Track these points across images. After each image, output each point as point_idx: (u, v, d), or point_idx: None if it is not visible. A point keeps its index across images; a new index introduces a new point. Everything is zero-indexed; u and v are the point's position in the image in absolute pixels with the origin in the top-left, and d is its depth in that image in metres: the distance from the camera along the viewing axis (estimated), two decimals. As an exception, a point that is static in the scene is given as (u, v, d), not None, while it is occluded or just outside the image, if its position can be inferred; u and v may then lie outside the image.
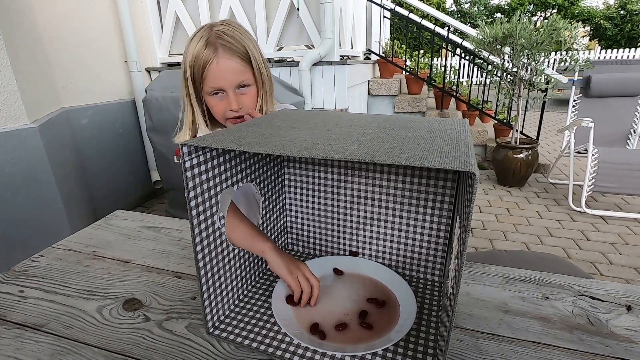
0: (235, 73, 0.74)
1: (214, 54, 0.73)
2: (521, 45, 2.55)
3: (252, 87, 0.78)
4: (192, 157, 0.44)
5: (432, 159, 0.33)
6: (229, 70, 0.74)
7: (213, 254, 0.51)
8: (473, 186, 0.31)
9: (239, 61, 0.74)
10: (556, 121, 6.19)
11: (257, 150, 0.38)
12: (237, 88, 0.76)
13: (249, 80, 0.76)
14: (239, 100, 0.76)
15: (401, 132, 0.47)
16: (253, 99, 0.79)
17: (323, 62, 2.40)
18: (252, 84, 0.78)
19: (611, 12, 14.25)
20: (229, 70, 0.74)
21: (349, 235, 0.69)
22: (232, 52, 0.73)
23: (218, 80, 0.74)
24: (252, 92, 0.78)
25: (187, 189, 0.44)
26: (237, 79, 0.75)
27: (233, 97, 0.75)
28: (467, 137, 0.43)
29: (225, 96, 0.76)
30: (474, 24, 14.58)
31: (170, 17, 2.72)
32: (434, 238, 0.62)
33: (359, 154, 0.35)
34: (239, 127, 0.49)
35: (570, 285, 0.63)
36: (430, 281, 0.65)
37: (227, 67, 0.73)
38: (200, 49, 0.74)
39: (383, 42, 4.13)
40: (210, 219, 0.49)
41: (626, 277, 1.81)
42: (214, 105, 0.78)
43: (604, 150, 2.49)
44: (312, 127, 0.49)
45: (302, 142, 0.41)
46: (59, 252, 0.74)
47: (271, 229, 0.68)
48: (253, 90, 0.78)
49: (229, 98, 0.75)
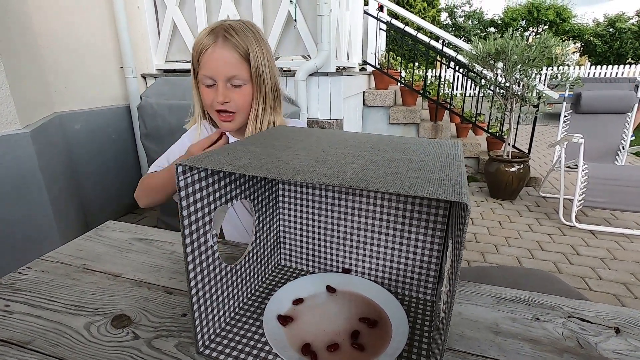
0: (227, 65, 0.75)
1: (212, 42, 0.75)
2: (513, 61, 2.61)
3: (247, 86, 0.79)
4: (186, 176, 0.44)
5: (425, 188, 0.34)
6: (222, 60, 0.75)
7: (205, 272, 0.51)
8: (465, 217, 0.31)
9: (236, 56, 0.76)
10: (546, 134, 6.29)
11: (252, 173, 0.38)
12: (229, 81, 0.77)
13: (243, 77, 0.77)
14: (228, 93, 0.77)
15: (395, 154, 0.47)
16: (245, 99, 0.79)
17: (319, 72, 2.42)
18: (247, 83, 0.79)
19: (601, 30, 14.64)
20: (221, 60, 0.75)
21: (342, 253, 0.69)
22: (230, 45, 0.75)
23: (210, 68, 0.76)
24: (246, 92, 0.79)
25: (180, 209, 0.44)
26: (228, 71, 0.76)
27: (222, 88, 0.77)
28: (460, 163, 0.43)
29: (216, 88, 0.77)
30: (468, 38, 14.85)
31: (167, 23, 2.73)
32: (426, 257, 0.62)
33: (353, 180, 0.35)
34: (234, 146, 0.49)
35: (561, 306, 0.63)
36: (423, 300, 0.65)
37: (221, 57, 0.75)
38: (204, 36, 0.77)
39: (379, 53, 4.18)
40: (204, 237, 0.49)
41: (615, 292, 1.83)
42: (204, 95, 0.80)
43: (594, 165, 2.53)
44: (307, 147, 0.49)
45: (297, 165, 0.41)
46: (47, 265, 0.73)
47: (264, 245, 0.67)
48: (247, 90, 0.79)
49: (218, 89, 0.77)
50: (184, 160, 0.42)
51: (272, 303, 0.60)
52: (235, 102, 0.78)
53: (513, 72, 2.68)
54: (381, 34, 4.32)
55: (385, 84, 3.83)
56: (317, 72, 2.42)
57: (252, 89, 0.79)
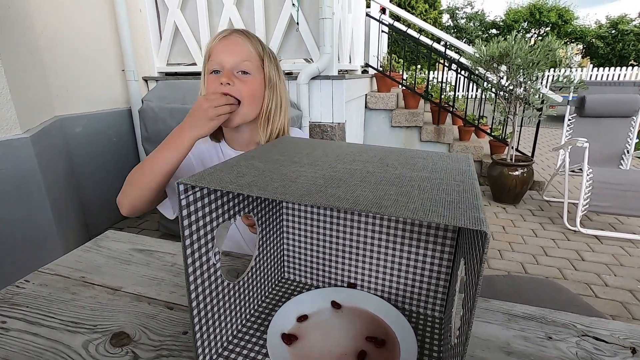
0: (237, 50, 0.76)
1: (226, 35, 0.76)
2: (517, 64, 2.59)
3: (254, 77, 0.78)
4: (188, 194, 0.42)
5: (440, 212, 0.32)
6: (232, 44, 0.76)
7: (207, 291, 0.49)
8: (484, 245, 0.30)
9: (247, 43, 0.77)
10: (549, 137, 6.26)
11: (256, 194, 0.36)
12: (236, 70, 0.76)
13: (252, 68, 0.77)
14: (232, 78, 0.75)
15: (405, 171, 0.45)
16: (250, 89, 0.78)
17: (321, 76, 2.40)
18: (255, 76, 0.78)
19: (603, 31, 14.59)
20: (231, 45, 0.76)
21: (347, 267, 0.67)
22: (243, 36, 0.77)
23: (217, 54, 0.76)
24: (252, 82, 0.77)
25: (182, 228, 0.42)
26: (236, 57, 0.75)
27: (227, 71, 0.76)
28: (474, 181, 0.41)
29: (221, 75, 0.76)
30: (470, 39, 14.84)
31: (169, 27, 2.72)
32: (435, 273, 0.60)
33: (364, 203, 0.34)
34: (237, 161, 0.47)
35: (574, 324, 0.61)
36: (431, 317, 0.63)
37: (232, 43, 0.76)
38: (217, 34, 0.78)
39: (381, 56, 4.17)
40: (206, 256, 0.47)
41: (621, 300, 1.81)
42: (209, 83, 0.78)
43: (598, 170, 2.51)
44: (313, 162, 0.48)
45: (304, 183, 0.39)
46: (45, 278, 0.72)
47: (267, 259, 0.66)
48: (254, 83, 0.78)
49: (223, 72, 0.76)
50: (184, 178, 0.40)
51: (275, 320, 0.58)
52: (239, 89, 0.76)
53: (517, 75, 2.66)
54: (383, 36, 4.31)
55: (388, 86, 3.81)
56: (320, 76, 2.41)
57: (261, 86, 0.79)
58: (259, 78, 0.78)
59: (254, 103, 0.79)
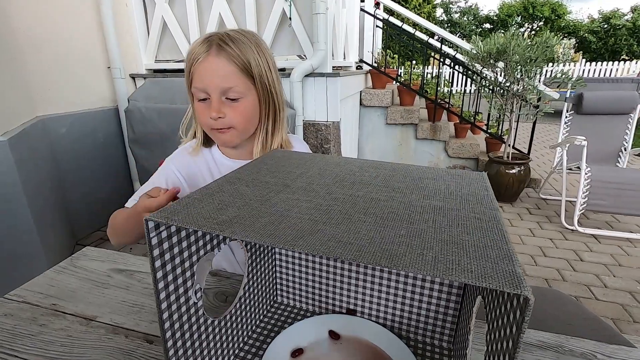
0: (220, 76, 0.67)
1: (205, 51, 0.67)
2: (515, 61, 2.54)
3: (244, 101, 0.70)
4: (160, 230, 0.36)
5: (465, 265, 0.26)
6: (215, 70, 0.67)
7: (187, 335, 0.43)
8: (525, 312, 0.24)
9: (231, 65, 0.67)
10: (545, 133, 6.26)
11: (239, 238, 0.30)
12: (223, 95, 0.68)
13: (239, 91, 0.69)
14: (222, 108, 0.69)
15: (414, 198, 0.39)
16: (242, 115, 0.71)
17: (315, 73, 2.33)
18: (245, 96, 0.70)
19: (595, 26, 14.65)
20: (214, 71, 0.67)
21: (346, 292, 0.61)
22: (225, 55, 0.67)
23: (201, 80, 0.68)
24: (242, 107, 0.70)
25: (153, 270, 0.36)
26: (221, 83, 0.67)
27: (215, 102, 0.69)
28: (496, 213, 0.35)
29: (210, 102, 0.69)
30: (464, 34, 14.80)
31: (157, 22, 2.62)
32: (443, 302, 0.55)
33: (371, 251, 0.27)
34: (220, 187, 0.41)
35: (593, 354, 0.56)
36: (438, 347, 0.57)
37: (214, 67, 0.67)
38: (197, 44, 0.69)
39: (375, 52, 4.10)
40: (184, 296, 0.41)
41: (622, 302, 1.78)
42: (199, 113, 0.72)
43: (596, 168, 2.48)
44: (307, 187, 0.41)
45: (297, 219, 0.33)
46: (11, 306, 0.65)
47: (258, 284, 0.59)
48: (245, 104, 0.70)
49: (212, 103, 0.69)
50: (154, 214, 0.34)
51: (268, 356, 0.52)
52: (230, 118, 0.70)
53: (514, 71, 2.61)
54: (377, 31, 4.23)
55: (383, 83, 3.75)
56: (313, 73, 2.33)
57: (254, 104, 0.71)
58: (251, 98, 0.70)
59: (249, 123, 0.73)
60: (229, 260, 0.84)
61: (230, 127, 0.72)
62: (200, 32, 2.57)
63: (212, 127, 0.72)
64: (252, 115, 0.72)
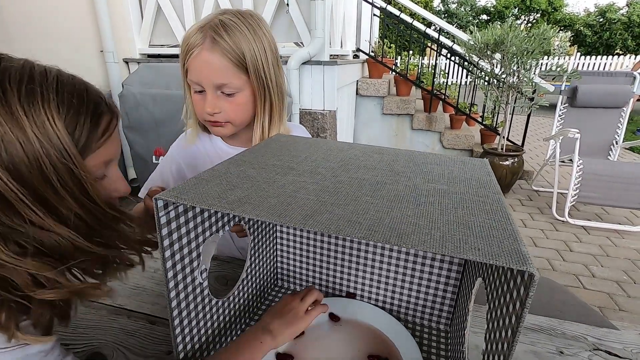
0: (214, 71, 0.65)
1: (199, 44, 0.65)
2: (512, 52, 2.54)
3: (241, 95, 0.69)
4: (168, 210, 0.36)
5: (473, 243, 0.27)
6: (207, 66, 0.65)
7: (193, 314, 0.43)
8: (529, 289, 0.24)
9: (225, 61, 0.65)
10: (538, 126, 6.31)
11: (250, 216, 0.30)
12: (218, 89, 0.67)
13: (235, 86, 0.67)
14: (217, 103, 0.68)
15: (418, 181, 0.40)
16: (238, 109, 0.70)
17: (312, 61, 2.31)
18: (241, 91, 0.69)
19: (591, 20, 14.65)
20: (206, 66, 0.65)
21: (346, 276, 0.62)
22: (218, 49, 0.64)
23: (195, 74, 0.67)
24: (239, 102, 0.69)
25: (161, 248, 0.36)
26: (215, 78, 0.66)
27: (210, 97, 0.67)
28: (499, 197, 0.36)
29: (205, 95, 0.68)
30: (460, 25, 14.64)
31: (151, 5, 2.56)
32: (442, 285, 0.56)
33: (381, 230, 0.28)
34: (227, 169, 0.41)
35: (585, 336, 0.58)
36: (435, 329, 0.59)
37: (206, 62, 0.65)
38: (192, 33, 0.66)
39: (372, 41, 4.07)
40: (191, 276, 0.42)
41: (609, 291, 1.83)
42: (195, 102, 0.70)
43: (588, 161, 2.51)
44: (313, 170, 0.42)
45: (305, 200, 0.33)
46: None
47: (260, 268, 0.60)
48: (241, 99, 0.69)
49: (207, 98, 0.68)
50: (164, 192, 0.34)
51: None
52: (227, 112, 0.69)
53: (511, 63, 2.62)
54: (375, 20, 4.19)
55: (379, 72, 3.73)
56: (311, 61, 2.31)
57: (251, 97, 0.70)
58: (247, 91, 0.69)
59: (246, 116, 0.72)
60: (229, 247, 0.85)
61: (227, 121, 0.71)
62: (195, 17, 2.52)
63: (206, 119, 0.71)
64: (249, 108, 0.71)
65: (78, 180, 0.35)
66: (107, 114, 0.40)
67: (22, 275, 0.32)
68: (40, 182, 0.33)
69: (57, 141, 0.34)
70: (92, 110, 0.38)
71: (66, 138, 0.35)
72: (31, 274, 0.32)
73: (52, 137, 0.34)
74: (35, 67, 0.37)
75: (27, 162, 0.32)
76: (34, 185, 0.33)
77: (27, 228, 0.33)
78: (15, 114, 0.32)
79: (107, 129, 0.40)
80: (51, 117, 0.34)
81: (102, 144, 0.39)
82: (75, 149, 0.35)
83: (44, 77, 0.37)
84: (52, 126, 0.34)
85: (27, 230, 0.33)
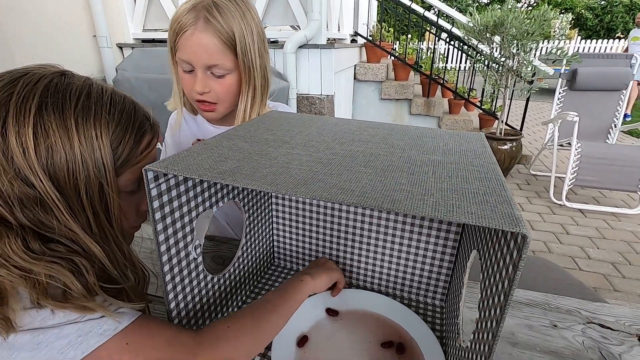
0: (206, 52, 0.65)
1: (192, 23, 0.64)
2: (512, 34, 2.50)
3: (230, 76, 0.69)
4: (159, 182, 0.35)
5: (466, 208, 0.26)
6: (200, 46, 0.65)
7: (187, 289, 0.43)
8: (522, 250, 0.24)
9: (217, 42, 0.65)
10: (537, 110, 6.27)
11: (242, 185, 0.30)
12: (209, 70, 0.67)
13: (225, 67, 0.67)
14: (207, 83, 0.68)
15: (414, 153, 0.39)
16: (227, 89, 0.70)
17: (309, 45, 2.28)
18: (230, 72, 0.68)
19: (592, 2, 14.42)
20: (199, 46, 0.65)
21: (342, 253, 0.62)
22: (211, 29, 0.64)
23: (187, 53, 0.66)
24: (228, 82, 0.69)
25: (153, 222, 0.36)
26: (207, 59, 0.66)
27: (200, 77, 0.67)
28: (494, 166, 0.36)
29: (195, 75, 0.68)
30: (460, 8, 14.38)
31: (143, -12, 2.50)
32: (437, 261, 0.56)
33: (373, 196, 0.28)
34: (218, 142, 0.41)
35: (578, 310, 0.59)
36: (431, 305, 0.59)
37: (199, 43, 0.65)
38: (184, 12, 0.65)
39: (370, 24, 4.00)
40: (184, 251, 0.41)
41: (604, 272, 1.85)
42: (183, 81, 0.70)
43: (587, 144, 2.51)
44: (307, 143, 0.41)
45: (298, 170, 0.33)
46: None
47: (256, 242, 0.60)
48: (230, 80, 0.69)
49: (197, 77, 0.67)
50: (154, 163, 0.33)
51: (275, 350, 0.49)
52: (216, 92, 0.69)
53: (511, 45, 2.59)
54: (373, 3, 4.11)
55: (377, 57, 3.68)
56: (307, 44, 2.27)
57: (238, 79, 0.69)
58: (236, 73, 0.69)
59: (232, 98, 0.72)
60: (225, 233, 0.85)
61: (216, 102, 0.70)
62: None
63: (197, 99, 0.70)
64: (235, 89, 0.71)
65: (104, 197, 0.38)
66: (149, 133, 0.43)
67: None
68: (72, 190, 0.35)
69: (99, 156, 0.37)
70: (137, 128, 0.41)
71: (108, 154, 0.37)
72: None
73: (96, 151, 0.36)
74: (93, 85, 0.40)
75: (66, 170, 0.35)
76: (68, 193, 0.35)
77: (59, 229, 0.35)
78: (67, 126, 0.35)
79: (148, 147, 0.43)
80: (100, 133, 0.37)
81: (139, 160, 0.41)
82: (112, 166, 0.38)
83: (99, 95, 0.39)
84: (98, 141, 0.37)
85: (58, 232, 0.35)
